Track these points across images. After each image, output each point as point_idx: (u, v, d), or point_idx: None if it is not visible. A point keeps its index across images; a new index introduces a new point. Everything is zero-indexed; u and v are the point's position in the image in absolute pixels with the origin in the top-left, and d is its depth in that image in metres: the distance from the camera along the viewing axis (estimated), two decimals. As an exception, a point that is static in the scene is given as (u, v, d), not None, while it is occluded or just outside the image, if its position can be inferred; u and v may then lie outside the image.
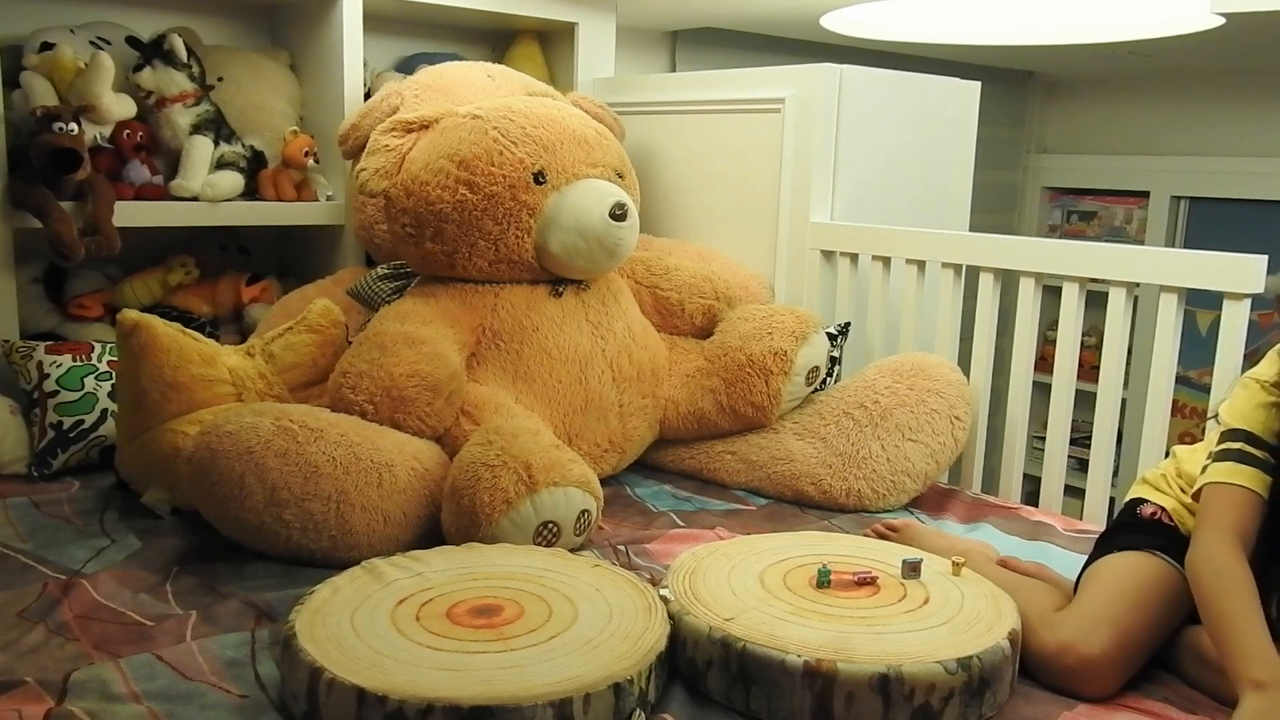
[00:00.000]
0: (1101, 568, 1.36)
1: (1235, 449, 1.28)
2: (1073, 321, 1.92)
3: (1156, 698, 1.24)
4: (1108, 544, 1.42)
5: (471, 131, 1.87)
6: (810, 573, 1.36)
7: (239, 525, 1.51)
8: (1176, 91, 3.72)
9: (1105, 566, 1.36)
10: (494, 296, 1.88)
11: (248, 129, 2.28)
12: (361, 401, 1.65)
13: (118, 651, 1.25)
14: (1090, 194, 3.98)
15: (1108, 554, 1.39)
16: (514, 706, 1.04)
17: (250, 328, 2.25)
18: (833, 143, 2.27)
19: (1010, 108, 3.98)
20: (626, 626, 1.21)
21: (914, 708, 1.13)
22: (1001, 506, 1.92)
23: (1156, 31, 2.58)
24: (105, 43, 2.15)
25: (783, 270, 2.34)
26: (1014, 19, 2.64)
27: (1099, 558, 1.40)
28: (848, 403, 1.96)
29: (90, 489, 1.81)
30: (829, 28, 2.79)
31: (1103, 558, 1.39)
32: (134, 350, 1.69)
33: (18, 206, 1.95)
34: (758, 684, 1.16)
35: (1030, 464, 1.95)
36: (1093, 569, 1.38)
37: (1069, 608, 1.31)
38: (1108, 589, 1.31)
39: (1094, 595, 1.30)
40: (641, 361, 1.97)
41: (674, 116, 2.52)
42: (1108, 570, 1.35)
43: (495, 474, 1.53)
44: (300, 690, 1.11)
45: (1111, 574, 1.33)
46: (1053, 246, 2.00)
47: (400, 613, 1.22)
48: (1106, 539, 1.45)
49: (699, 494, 1.95)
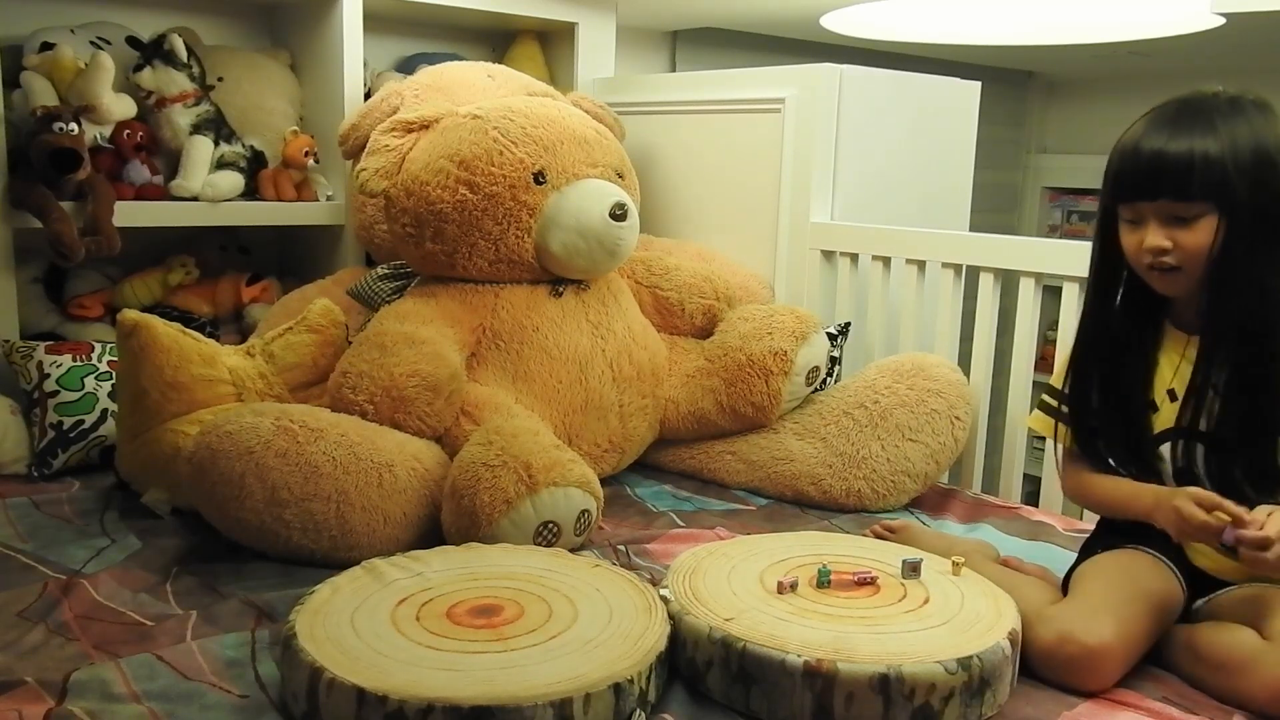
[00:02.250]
0: (1092, 565, 1.37)
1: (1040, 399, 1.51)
2: (1073, 321, 1.92)
3: (1156, 697, 1.23)
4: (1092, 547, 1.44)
5: (471, 131, 1.87)
6: (810, 573, 1.36)
7: (239, 525, 1.51)
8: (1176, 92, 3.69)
9: (1095, 564, 1.37)
10: (494, 296, 1.88)
11: (248, 129, 2.28)
12: (362, 401, 1.65)
13: (118, 651, 1.25)
14: (1090, 194, 3.97)
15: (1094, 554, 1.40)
16: (514, 706, 1.04)
17: (250, 328, 2.25)
18: (833, 143, 2.27)
19: (1010, 108, 3.98)
20: (626, 626, 1.21)
21: (914, 708, 1.13)
22: (1001, 506, 1.92)
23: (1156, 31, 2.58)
24: (105, 43, 2.15)
25: (783, 270, 2.33)
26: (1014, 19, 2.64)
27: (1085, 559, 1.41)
28: (848, 403, 1.96)
29: (90, 489, 1.80)
30: (829, 28, 2.79)
31: (1090, 558, 1.39)
32: (134, 350, 1.68)
33: (18, 206, 1.95)
34: (758, 684, 1.16)
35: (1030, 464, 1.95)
36: (1082, 567, 1.39)
37: (1065, 601, 1.31)
38: (1102, 581, 1.31)
39: (1090, 588, 1.31)
40: (641, 361, 1.97)
41: (674, 116, 2.52)
42: (1099, 566, 1.36)
43: (495, 474, 1.53)
44: (300, 690, 1.11)
45: (1103, 569, 1.34)
46: (1053, 246, 2.00)
47: (400, 613, 1.22)
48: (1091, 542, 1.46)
49: (699, 494, 1.94)
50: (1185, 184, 1.25)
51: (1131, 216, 1.32)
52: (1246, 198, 1.25)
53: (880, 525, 1.72)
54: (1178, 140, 1.26)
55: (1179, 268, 1.29)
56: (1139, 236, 1.31)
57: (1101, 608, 1.26)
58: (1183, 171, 1.25)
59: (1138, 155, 1.29)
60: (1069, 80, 4.05)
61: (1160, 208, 1.28)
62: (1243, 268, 1.27)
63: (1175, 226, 1.28)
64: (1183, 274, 1.30)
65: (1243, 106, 1.29)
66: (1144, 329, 1.39)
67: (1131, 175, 1.30)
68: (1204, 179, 1.25)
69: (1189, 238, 1.27)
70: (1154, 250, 1.29)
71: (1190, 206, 1.26)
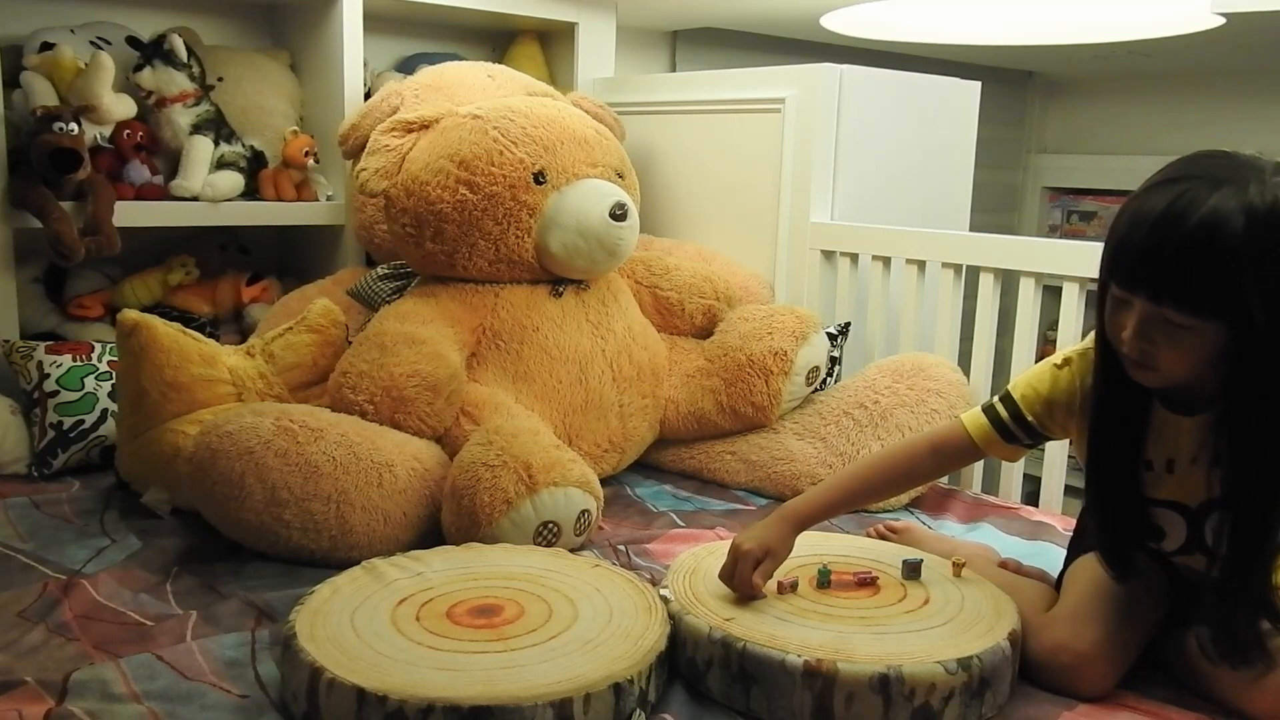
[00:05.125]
0: (1079, 568, 1.36)
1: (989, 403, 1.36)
2: (1073, 321, 1.92)
3: (1156, 698, 1.24)
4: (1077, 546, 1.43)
5: (471, 131, 1.87)
6: (810, 573, 1.36)
7: (239, 525, 1.51)
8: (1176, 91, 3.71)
9: (1082, 566, 1.36)
10: (494, 296, 1.88)
11: (248, 129, 2.28)
12: (362, 401, 1.65)
13: (118, 651, 1.25)
14: (1090, 194, 3.98)
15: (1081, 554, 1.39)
16: (514, 706, 1.04)
17: (250, 328, 2.25)
18: (833, 143, 2.27)
19: (1010, 108, 3.98)
20: (626, 626, 1.21)
21: (914, 708, 1.13)
22: (1001, 506, 1.92)
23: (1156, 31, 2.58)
24: (105, 43, 2.15)
25: (783, 270, 2.33)
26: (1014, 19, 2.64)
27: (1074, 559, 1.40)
28: (848, 403, 1.96)
29: (90, 489, 1.80)
30: (829, 28, 2.79)
31: (1079, 559, 1.39)
32: (134, 350, 1.68)
33: (18, 206, 1.95)
34: (758, 684, 1.16)
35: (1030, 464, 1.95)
36: (1071, 570, 1.38)
37: (1055, 608, 1.31)
38: (1087, 586, 1.31)
39: (1077, 595, 1.31)
40: (641, 361, 1.97)
41: (674, 116, 2.52)
42: (1085, 569, 1.35)
43: (495, 474, 1.53)
44: (300, 690, 1.11)
45: (1088, 573, 1.33)
46: (1053, 246, 2.00)
47: (400, 613, 1.22)
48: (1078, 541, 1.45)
49: (699, 494, 1.94)
50: (1191, 298, 1.05)
51: (1121, 296, 1.12)
52: (1266, 321, 1.04)
53: (882, 526, 1.72)
54: (1195, 236, 1.03)
55: (1158, 369, 1.13)
56: (1122, 321, 1.13)
57: (1088, 616, 1.25)
58: (1190, 283, 1.05)
59: (1143, 239, 1.07)
60: (1069, 80, 4.05)
61: (1154, 309, 1.08)
62: (1260, 403, 1.09)
63: (1165, 328, 1.09)
64: (1160, 375, 1.14)
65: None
66: (1131, 404, 1.23)
67: (1128, 261, 1.09)
68: (1216, 298, 1.04)
69: (1174, 351, 1.10)
70: (1132, 347, 1.12)
71: (1188, 319, 1.07)
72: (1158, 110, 3.78)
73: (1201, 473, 1.21)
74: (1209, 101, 3.63)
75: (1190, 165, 1.10)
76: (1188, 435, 1.21)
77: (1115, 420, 1.23)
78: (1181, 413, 1.21)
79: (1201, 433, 1.20)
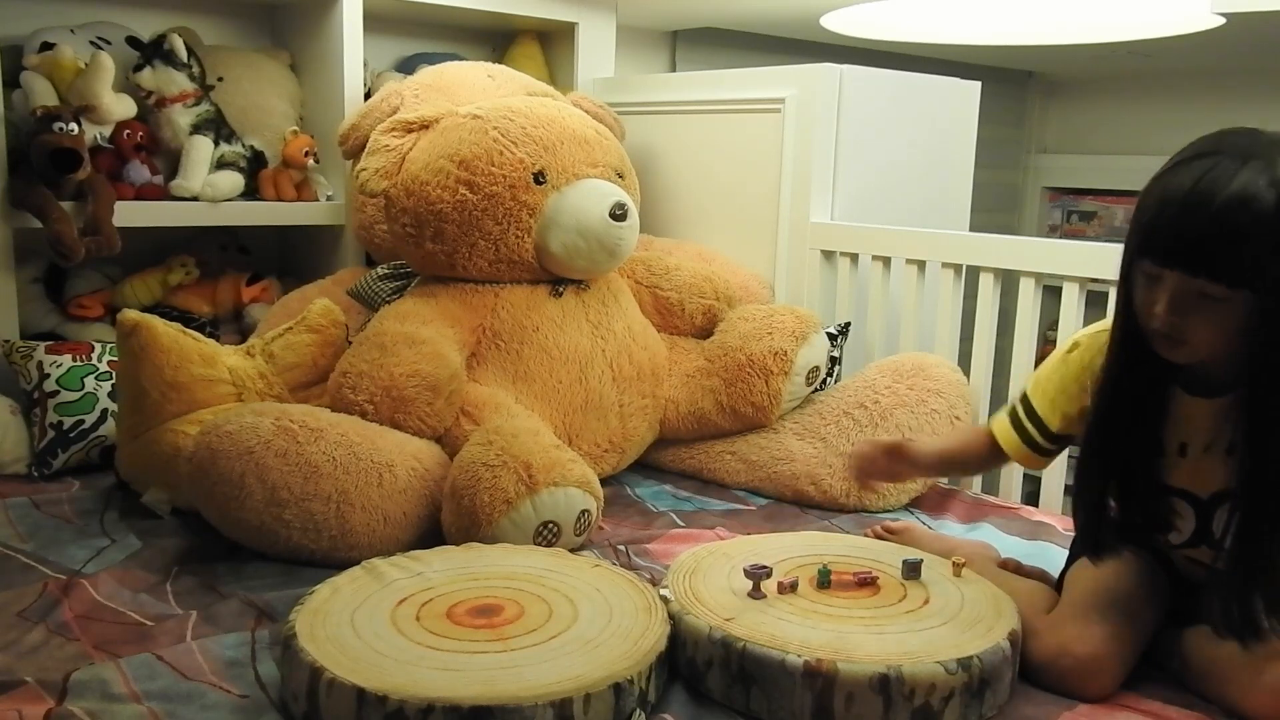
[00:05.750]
0: (1080, 569, 1.36)
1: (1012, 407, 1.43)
2: (1073, 322, 1.92)
3: (1156, 698, 1.24)
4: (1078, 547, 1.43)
5: (471, 131, 1.87)
6: (810, 573, 1.36)
7: (239, 525, 1.51)
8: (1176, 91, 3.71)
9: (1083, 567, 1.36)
10: (494, 296, 1.88)
11: (248, 129, 2.28)
12: (362, 401, 1.65)
13: (118, 651, 1.25)
14: (1090, 194, 3.98)
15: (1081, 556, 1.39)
16: (514, 706, 1.04)
17: (250, 328, 2.25)
18: (833, 143, 2.27)
19: (1010, 108, 3.98)
20: (626, 626, 1.21)
21: (914, 708, 1.13)
22: (1001, 506, 1.92)
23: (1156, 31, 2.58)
24: (105, 43, 2.15)
25: (783, 270, 2.33)
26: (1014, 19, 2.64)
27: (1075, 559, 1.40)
28: (848, 403, 1.96)
29: (90, 489, 1.80)
30: (829, 28, 2.79)
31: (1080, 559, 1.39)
32: (134, 350, 1.68)
33: (18, 206, 1.95)
34: (758, 684, 1.16)
35: (1030, 464, 1.96)
36: (1072, 571, 1.38)
37: (1057, 610, 1.31)
38: (1089, 587, 1.31)
39: (1079, 597, 1.30)
40: (641, 361, 1.97)
41: (674, 116, 2.52)
42: (1086, 570, 1.34)
43: (495, 474, 1.53)
44: (300, 690, 1.11)
45: (1089, 574, 1.33)
46: (1053, 246, 2.00)
47: (400, 613, 1.22)
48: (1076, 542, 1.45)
49: (699, 494, 1.94)
50: (1227, 268, 1.08)
51: (1152, 272, 1.13)
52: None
53: (881, 526, 1.72)
54: (1228, 207, 1.06)
55: (1187, 342, 1.14)
56: (1153, 296, 1.14)
57: (1091, 618, 1.25)
58: (1226, 253, 1.07)
59: (1176, 213, 1.09)
60: (1069, 80, 4.05)
61: (1188, 281, 1.10)
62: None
63: (1197, 301, 1.11)
64: (1189, 350, 1.16)
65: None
66: (1147, 386, 1.25)
67: (1161, 235, 1.11)
68: (1251, 267, 1.07)
69: (1205, 324, 1.12)
70: (1164, 321, 1.14)
71: (1223, 289, 1.09)
72: (1158, 110, 3.79)
73: (1215, 460, 1.22)
74: (1209, 101, 3.63)
75: (1216, 142, 1.12)
76: (1205, 419, 1.22)
77: (1127, 401, 1.25)
78: (1202, 395, 1.22)
79: (1219, 418, 1.21)
